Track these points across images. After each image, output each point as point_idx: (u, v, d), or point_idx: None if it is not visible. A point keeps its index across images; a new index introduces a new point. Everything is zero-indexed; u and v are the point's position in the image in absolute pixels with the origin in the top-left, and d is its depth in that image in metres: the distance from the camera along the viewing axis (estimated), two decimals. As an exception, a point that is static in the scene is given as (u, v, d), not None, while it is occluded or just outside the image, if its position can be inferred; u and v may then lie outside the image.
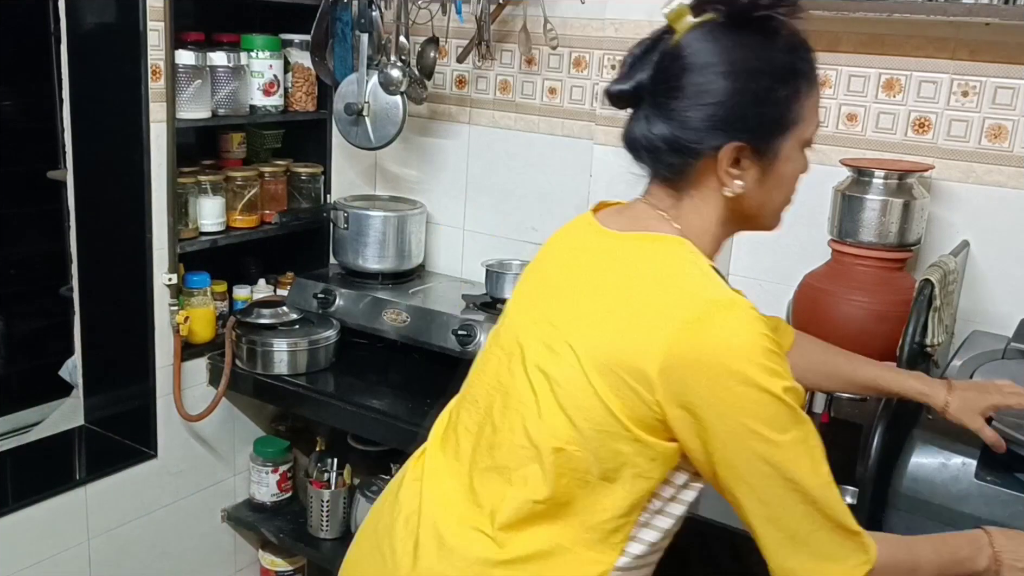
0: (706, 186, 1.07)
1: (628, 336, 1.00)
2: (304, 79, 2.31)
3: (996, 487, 1.25)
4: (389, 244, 2.30)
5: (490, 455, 1.11)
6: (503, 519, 1.07)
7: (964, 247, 1.78)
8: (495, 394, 1.14)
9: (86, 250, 2.15)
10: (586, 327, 1.04)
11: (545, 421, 1.05)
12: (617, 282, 1.05)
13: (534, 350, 1.09)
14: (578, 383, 1.02)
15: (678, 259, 1.04)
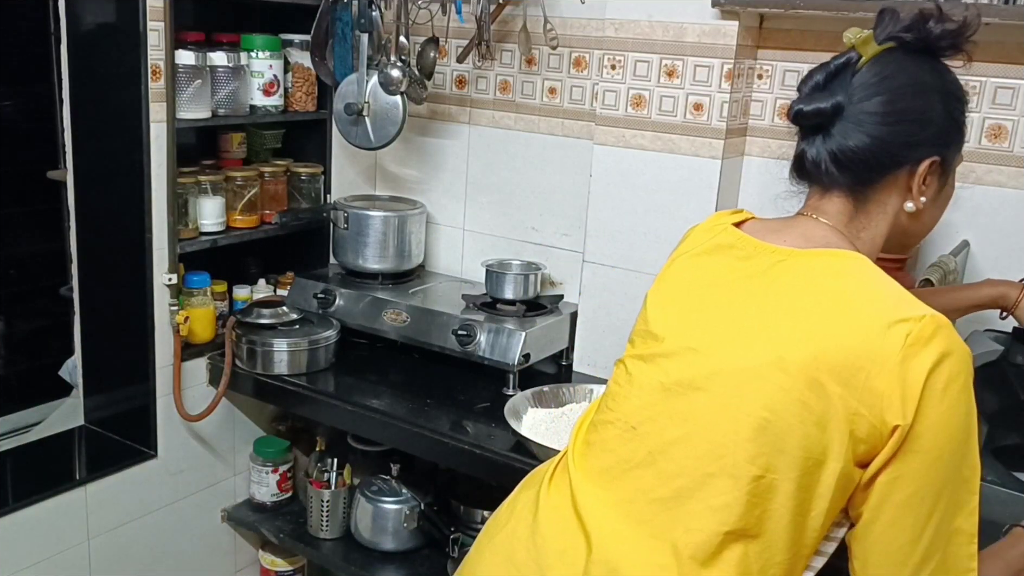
0: (887, 201, 1.10)
1: (841, 347, 0.97)
2: (304, 79, 2.31)
3: (996, 487, 1.25)
4: (389, 244, 2.30)
5: (664, 483, 1.05)
6: (691, 551, 1.01)
7: (964, 247, 1.78)
8: (665, 420, 1.07)
9: (86, 250, 2.15)
10: (788, 344, 1.00)
11: (743, 447, 1.00)
12: (811, 299, 1.02)
13: (716, 373, 1.04)
14: (788, 404, 0.98)
15: (870, 275, 1.03)
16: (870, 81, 1.09)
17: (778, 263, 1.08)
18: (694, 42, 1.89)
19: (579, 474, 1.14)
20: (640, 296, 2.06)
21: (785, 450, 0.97)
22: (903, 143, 1.08)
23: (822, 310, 1.00)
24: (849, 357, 0.95)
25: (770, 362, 0.99)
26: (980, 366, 1.50)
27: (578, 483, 1.13)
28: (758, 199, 2.02)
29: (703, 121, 1.91)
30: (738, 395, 1.01)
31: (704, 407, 1.03)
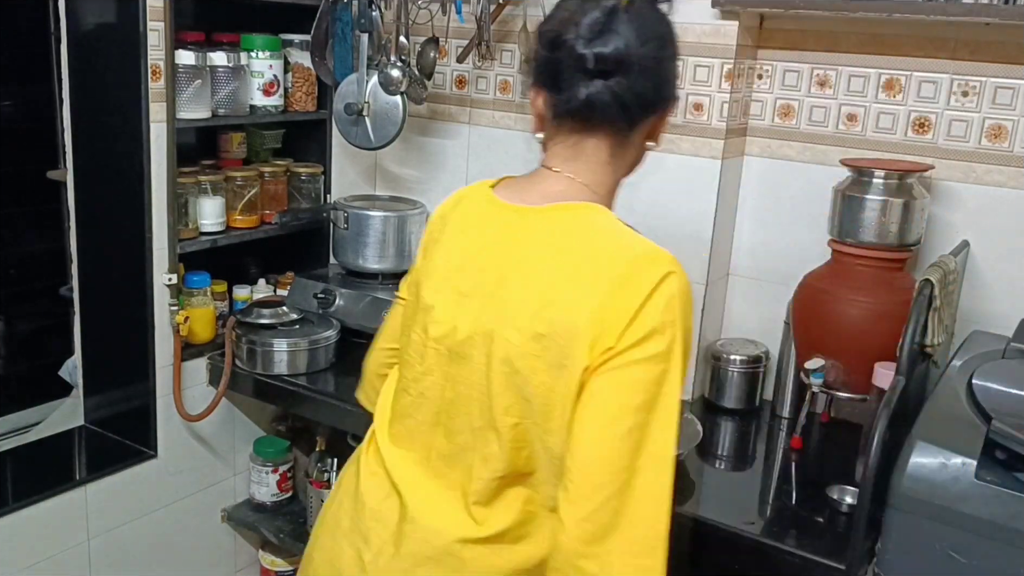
0: (639, 142, 1.20)
1: (564, 307, 1.07)
2: (304, 79, 2.31)
3: (996, 487, 1.25)
4: (389, 244, 2.30)
5: (449, 440, 1.19)
6: (475, 497, 1.15)
7: (964, 247, 1.78)
8: (444, 383, 1.19)
9: (86, 250, 2.15)
10: (522, 305, 1.10)
11: (498, 401, 1.12)
12: (547, 257, 1.12)
13: (475, 334, 1.14)
14: (524, 359, 1.09)
15: (599, 226, 1.14)
16: (638, 27, 1.13)
17: (519, 222, 1.17)
18: (694, 42, 1.89)
19: (386, 440, 1.28)
20: (640, 296, 2.06)
21: (529, 398, 1.10)
22: (665, 86, 1.17)
23: (554, 264, 1.11)
24: (572, 310, 1.07)
25: (505, 322, 1.11)
26: (982, 365, 1.51)
27: (386, 448, 1.27)
28: (758, 199, 2.02)
29: (703, 121, 1.91)
30: (487, 355, 1.12)
31: (467, 370, 1.16)
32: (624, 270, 1.08)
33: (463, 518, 1.16)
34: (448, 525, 1.17)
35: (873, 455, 1.34)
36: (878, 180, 1.71)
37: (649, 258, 1.10)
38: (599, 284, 1.07)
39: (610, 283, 1.07)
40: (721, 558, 1.54)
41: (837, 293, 1.73)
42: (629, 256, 1.10)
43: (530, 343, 1.09)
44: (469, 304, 1.16)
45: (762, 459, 1.86)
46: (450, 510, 1.18)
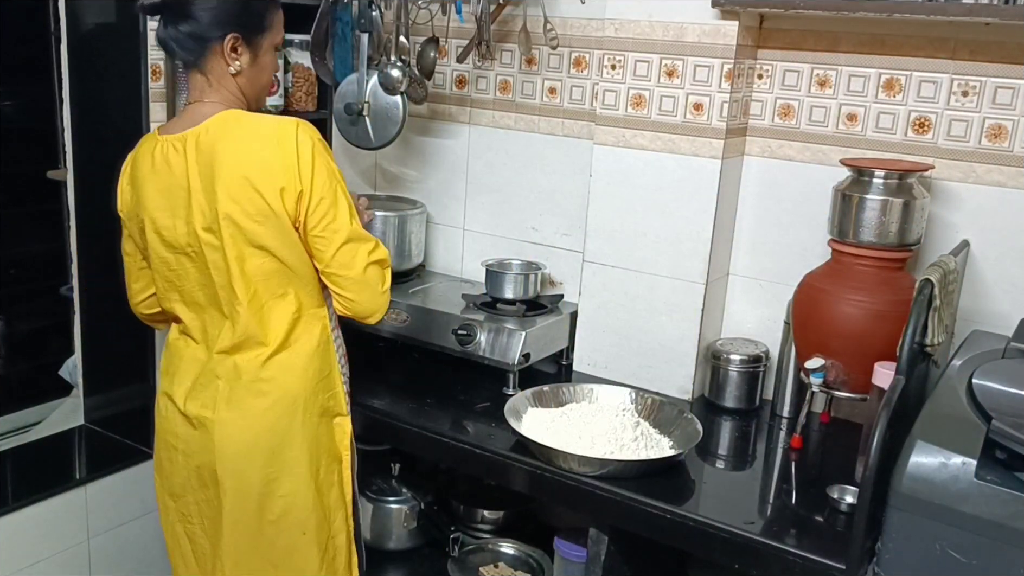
0: (220, 68, 1.60)
1: (256, 181, 1.53)
2: (304, 79, 2.31)
3: (996, 487, 1.25)
4: (389, 244, 2.30)
5: (228, 310, 1.63)
6: (239, 336, 1.62)
7: (964, 247, 1.78)
8: (196, 274, 1.63)
9: (86, 250, 2.15)
10: (227, 194, 1.53)
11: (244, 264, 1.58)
12: (225, 155, 1.54)
13: (212, 236, 1.56)
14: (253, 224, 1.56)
15: (240, 116, 1.58)
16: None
17: (193, 144, 1.56)
18: (694, 42, 1.89)
19: (180, 347, 1.74)
20: (640, 296, 2.07)
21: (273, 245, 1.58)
22: (208, 24, 1.56)
23: (237, 154, 1.54)
24: (264, 172, 1.53)
25: (227, 216, 1.55)
26: (982, 365, 1.51)
27: (180, 351, 1.74)
28: (758, 199, 2.02)
29: (703, 121, 1.91)
30: (223, 242, 1.57)
31: (216, 259, 1.60)
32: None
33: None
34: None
35: (873, 455, 1.34)
36: (878, 180, 1.71)
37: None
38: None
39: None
40: (721, 558, 1.54)
41: (837, 293, 1.73)
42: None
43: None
44: (196, 214, 1.56)
45: (762, 459, 1.86)
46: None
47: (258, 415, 1.63)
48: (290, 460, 1.65)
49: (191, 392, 1.66)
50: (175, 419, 1.68)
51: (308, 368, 1.66)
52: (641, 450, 1.71)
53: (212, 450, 1.63)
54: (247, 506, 1.64)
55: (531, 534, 2.27)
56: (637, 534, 1.64)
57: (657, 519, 1.57)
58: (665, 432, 1.79)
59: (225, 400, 1.63)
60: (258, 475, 1.63)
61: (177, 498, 1.72)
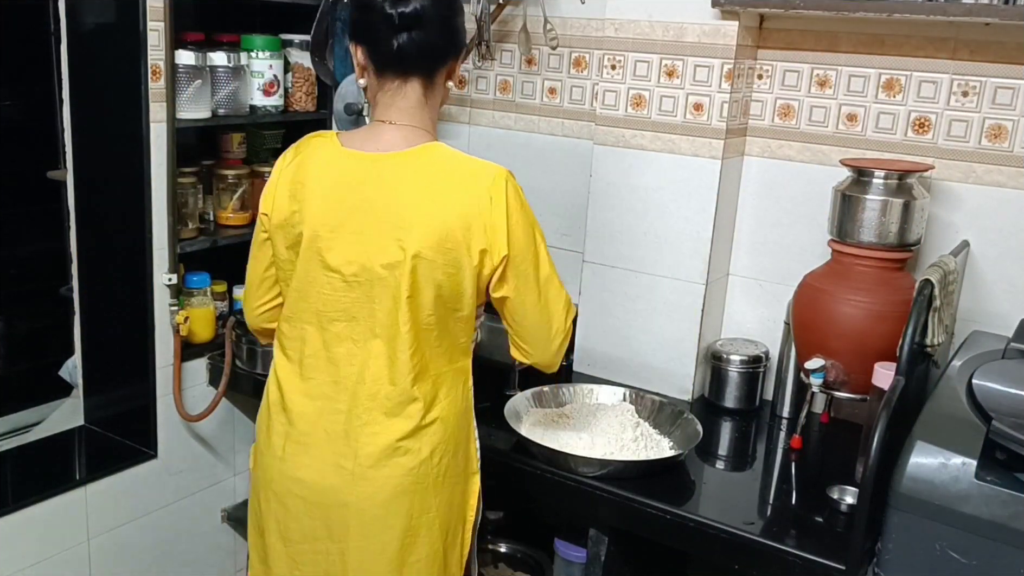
0: (442, 83, 1.49)
1: (450, 221, 1.39)
2: (304, 79, 2.31)
3: (996, 487, 1.25)
4: (389, 244, 2.30)
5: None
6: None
7: (964, 247, 1.78)
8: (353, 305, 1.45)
9: (86, 250, 2.15)
10: (417, 230, 1.39)
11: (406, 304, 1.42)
12: (424, 189, 1.41)
13: (385, 264, 1.41)
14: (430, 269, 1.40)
15: (452, 155, 1.45)
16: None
17: (388, 167, 1.43)
18: (694, 42, 1.89)
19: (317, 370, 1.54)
20: (640, 296, 2.07)
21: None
22: (453, 39, 1.47)
23: (432, 193, 1.40)
24: (464, 220, 1.39)
25: (414, 249, 1.39)
26: (982, 365, 1.51)
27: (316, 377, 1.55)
28: (758, 199, 2.02)
29: (703, 121, 1.91)
30: (397, 275, 1.41)
31: (380, 292, 1.43)
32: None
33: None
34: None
35: (873, 455, 1.34)
36: (878, 180, 1.71)
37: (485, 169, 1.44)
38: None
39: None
40: (721, 558, 1.54)
41: (837, 293, 1.73)
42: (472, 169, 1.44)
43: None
44: (372, 241, 1.41)
45: (762, 459, 1.86)
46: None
47: (404, 472, 1.46)
48: (427, 522, 1.48)
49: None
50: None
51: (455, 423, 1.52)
52: (641, 450, 1.71)
53: (348, 504, 1.46)
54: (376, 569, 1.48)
55: (531, 534, 2.27)
56: (637, 534, 1.64)
57: (657, 519, 1.57)
58: (665, 432, 1.79)
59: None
60: (396, 536, 1.47)
61: (291, 544, 1.52)
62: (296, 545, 1.51)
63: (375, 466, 1.44)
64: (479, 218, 1.40)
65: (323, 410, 1.48)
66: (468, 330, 1.51)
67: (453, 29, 1.47)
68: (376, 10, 1.39)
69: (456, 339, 1.49)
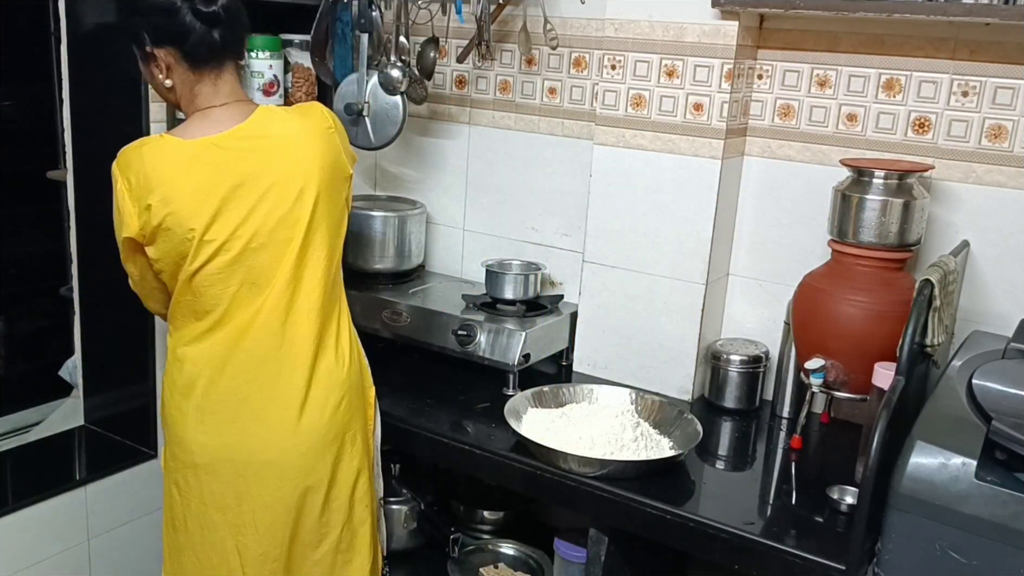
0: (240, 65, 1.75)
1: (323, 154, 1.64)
2: (304, 79, 2.30)
3: (996, 487, 1.25)
4: (389, 244, 2.30)
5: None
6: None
7: (964, 247, 1.78)
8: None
9: (86, 250, 2.15)
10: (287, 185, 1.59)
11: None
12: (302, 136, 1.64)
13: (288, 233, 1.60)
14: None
15: (274, 110, 1.68)
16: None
17: (239, 140, 1.58)
18: (694, 42, 1.89)
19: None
20: (640, 296, 2.07)
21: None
22: (245, 25, 1.65)
23: (288, 142, 1.61)
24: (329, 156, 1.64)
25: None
26: (982, 365, 1.51)
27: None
28: (758, 199, 2.02)
29: (703, 121, 1.91)
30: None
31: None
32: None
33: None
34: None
35: (873, 455, 1.34)
36: (878, 180, 1.71)
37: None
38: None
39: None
40: (721, 558, 1.54)
41: (837, 293, 1.73)
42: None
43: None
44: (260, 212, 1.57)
45: (762, 459, 1.86)
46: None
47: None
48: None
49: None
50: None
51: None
52: (641, 450, 1.71)
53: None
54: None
55: (531, 534, 2.27)
56: (637, 534, 1.64)
57: (657, 519, 1.57)
58: (665, 432, 1.79)
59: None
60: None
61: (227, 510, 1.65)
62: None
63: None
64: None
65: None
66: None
67: (244, 17, 1.65)
68: (183, 12, 1.55)
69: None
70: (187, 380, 1.61)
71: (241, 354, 1.60)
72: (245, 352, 1.60)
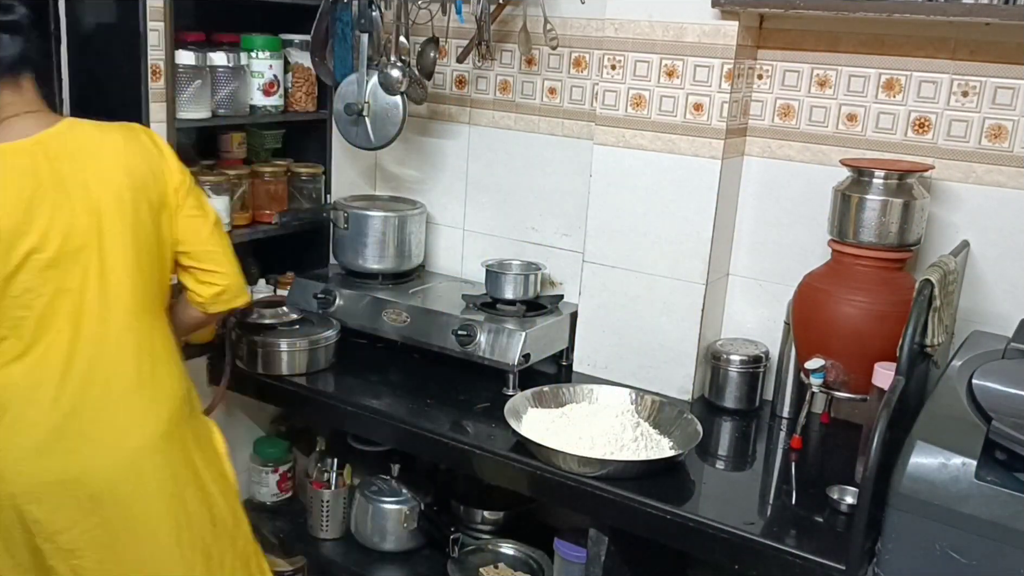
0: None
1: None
2: (304, 79, 2.31)
3: (996, 487, 1.25)
4: (389, 244, 2.30)
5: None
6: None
7: (964, 247, 1.78)
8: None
9: (86, 250, 2.15)
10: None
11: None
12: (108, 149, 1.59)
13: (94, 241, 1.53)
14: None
15: (82, 123, 1.59)
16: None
17: (43, 149, 1.51)
18: (694, 42, 1.89)
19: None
20: (640, 296, 2.07)
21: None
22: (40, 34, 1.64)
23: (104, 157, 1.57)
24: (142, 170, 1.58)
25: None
26: (982, 365, 1.51)
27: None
28: (758, 199, 2.02)
29: (703, 121, 1.91)
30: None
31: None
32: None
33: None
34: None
35: (873, 455, 1.34)
36: (878, 180, 1.71)
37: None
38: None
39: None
40: (721, 558, 1.54)
41: (837, 293, 1.73)
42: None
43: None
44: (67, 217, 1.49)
45: (762, 459, 1.86)
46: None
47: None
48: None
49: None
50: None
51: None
52: (641, 450, 1.71)
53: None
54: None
55: (531, 535, 2.27)
56: (637, 534, 1.64)
57: (657, 519, 1.57)
58: (665, 432, 1.79)
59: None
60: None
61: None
62: None
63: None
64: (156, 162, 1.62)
65: None
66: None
67: (47, 27, 1.66)
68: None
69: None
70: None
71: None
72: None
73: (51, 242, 1.48)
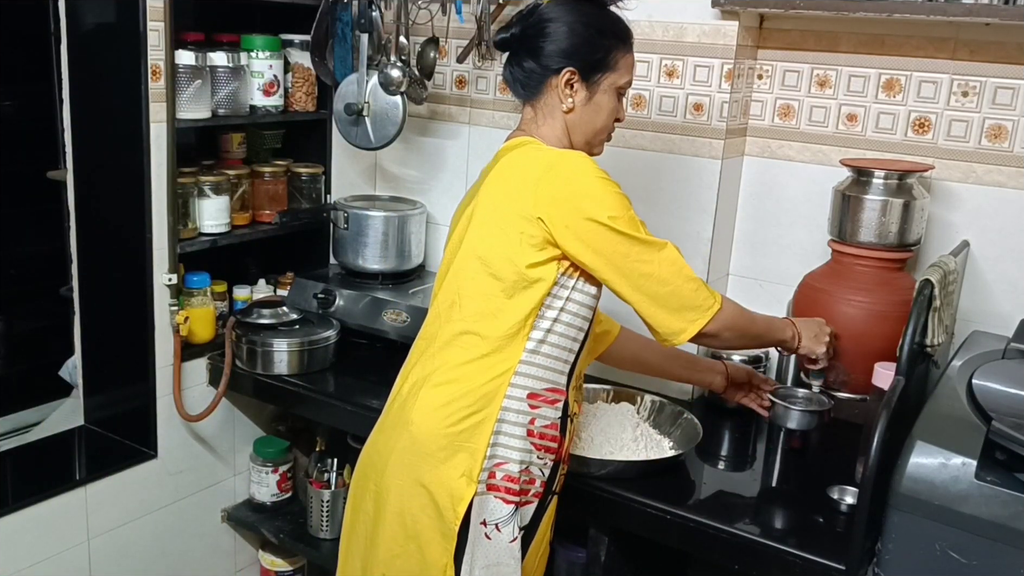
0: (552, 103, 1.52)
1: (519, 201, 1.45)
2: (304, 79, 2.31)
3: (996, 487, 1.25)
4: (389, 244, 2.30)
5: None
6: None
7: (964, 247, 1.78)
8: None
9: (86, 250, 2.15)
10: (488, 215, 1.48)
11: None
12: (501, 176, 1.51)
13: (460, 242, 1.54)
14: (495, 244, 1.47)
15: (530, 146, 1.51)
16: (536, 19, 1.51)
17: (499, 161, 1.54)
18: (694, 42, 1.89)
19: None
20: (640, 296, 2.05)
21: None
22: (547, 56, 1.49)
23: (512, 177, 1.49)
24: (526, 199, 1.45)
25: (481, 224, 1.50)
26: (982, 365, 1.51)
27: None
28: (758, 199, 2.02)
29: (703, 121, 1.91)
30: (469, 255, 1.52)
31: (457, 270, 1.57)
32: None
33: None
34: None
35: (873, 455, 1.34)
36: (878, 180, 1.71)
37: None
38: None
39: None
40: (721, 558, 1.54)
41: (837, 293, 1.73)
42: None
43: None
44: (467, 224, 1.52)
45: (762, 459, 1.86)
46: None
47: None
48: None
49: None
50: None
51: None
52: (641, 451, 1.71)
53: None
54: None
55: (531, 534, 2.27)
56: (637, 534, 1.64)
57: (657, 519, 1.57)
58: (665, 432, 1.79)
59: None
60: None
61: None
62: None
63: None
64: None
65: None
66: None
67: (546, 48, 1.50)
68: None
69: None
70: None
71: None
72: None
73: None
